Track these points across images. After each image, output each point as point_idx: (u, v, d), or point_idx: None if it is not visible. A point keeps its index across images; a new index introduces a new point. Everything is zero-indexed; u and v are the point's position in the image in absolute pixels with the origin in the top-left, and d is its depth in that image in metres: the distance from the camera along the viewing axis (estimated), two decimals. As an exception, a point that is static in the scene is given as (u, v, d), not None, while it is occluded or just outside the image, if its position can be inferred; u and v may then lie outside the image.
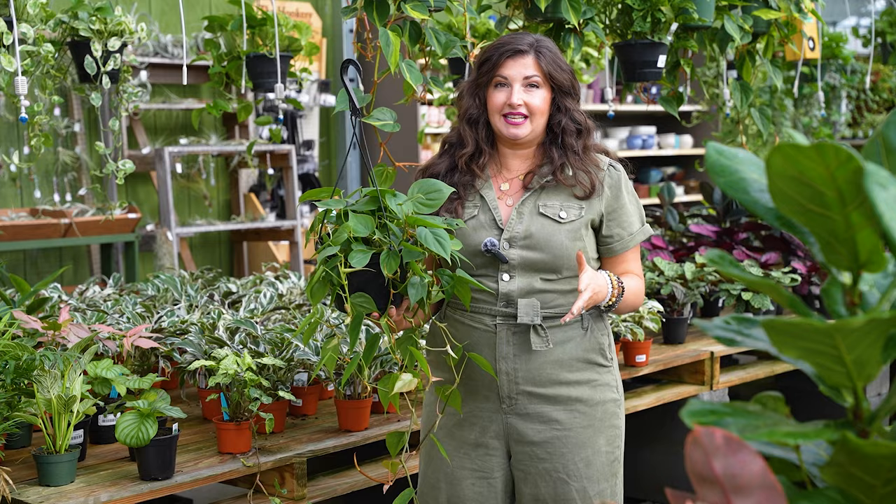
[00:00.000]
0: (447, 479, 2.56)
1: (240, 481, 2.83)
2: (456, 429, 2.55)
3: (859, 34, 7.71)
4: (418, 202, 2.31)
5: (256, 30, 3.68)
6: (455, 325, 2.53)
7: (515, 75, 2.47)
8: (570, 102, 2.51)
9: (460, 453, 2.54)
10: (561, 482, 2.48)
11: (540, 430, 2.48)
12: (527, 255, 2.45)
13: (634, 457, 4.32)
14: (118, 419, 2.58)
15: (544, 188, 2.50)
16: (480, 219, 2.49)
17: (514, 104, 2.45)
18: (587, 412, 2.50)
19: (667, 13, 3.70)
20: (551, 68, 2.48)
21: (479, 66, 2.53)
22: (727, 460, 0.86)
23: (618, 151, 7.99)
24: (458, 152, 2.53)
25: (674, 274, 4.14)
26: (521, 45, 2.48)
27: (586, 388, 2.50)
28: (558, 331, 2.48)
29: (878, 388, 4.57)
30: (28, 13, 3.03)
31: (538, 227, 2.46)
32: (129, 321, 3.30)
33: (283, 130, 6.34)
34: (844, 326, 0.88)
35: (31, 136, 3.30)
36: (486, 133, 2.53)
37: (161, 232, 5.82)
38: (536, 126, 2.49)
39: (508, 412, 2.50)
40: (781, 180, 0.91)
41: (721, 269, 0.99)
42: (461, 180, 2.52)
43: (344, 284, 2.25)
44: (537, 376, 2.47)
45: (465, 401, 2.51)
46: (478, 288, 2.42)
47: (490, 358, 2.47)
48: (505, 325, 2.47)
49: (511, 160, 2.55)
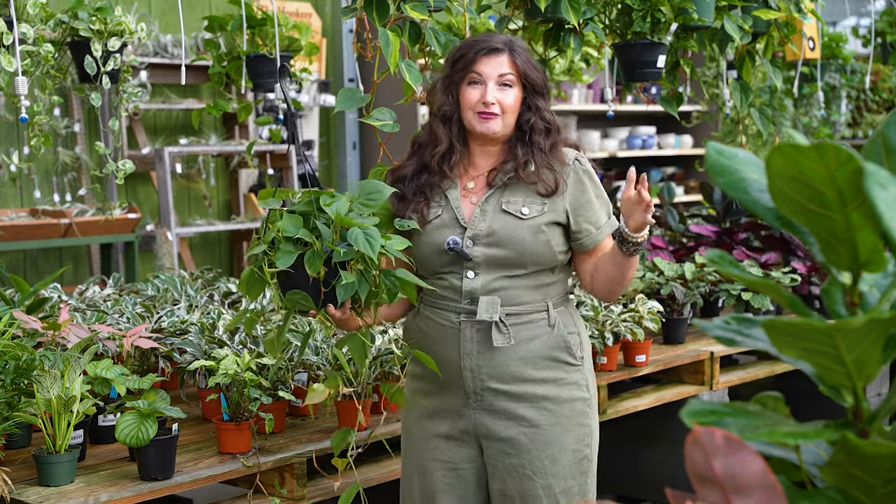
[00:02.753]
0: (419, 471, 2.60)
1: (240, 481, 2.83)
2: (427, 421, 2.58)
3: (859, 34, 7.71)
4: (359, 203, 2.35)
5: (256, 30, 3.68)
6: (425, 321, 2.56)
7: (490, 73, 2.49)
8: (541, 102, 2.53)
9: (431, 445, 2.57)
10: (527, 478, 2.50)
11: (507, 426, 2.51)
12: (490, 252, 2.47)
13: (634, 457, 4.33)
14: (118, 419, 2.58)
15: (507, 185, 2.52)
16: (444, 218, 2.52)
17: (489, 102, 2.47)
18: (554, 410, 2.51)
19: (666, 13, 3.70)
20: (526, 67, 2.51)
21: (453, 63, 2.55)
22: (727, 460, 0.86)
23: (617, 151, 7.99)
24: (430, 151, 2.55)
25: (674, 274, 4.14)
26: (497, 44, 2.51)
27: (553, 386, 2.51)
28: (522, 328, 2.49)
29: (878, 388, 4.57)
30: (28, 13, 3.03)
31: (501, 224, 2.48)
32: (129, 321, 3.30)
33: (282, 130, 6.34)
34: (844, 326, 0.88)
35: (31, 136, 3.30)
36: (459, 130, 2.55)
37: (161, 232, 5.82)
38: (508, 123, 2.51)
39: (476, 408, 2.52)
40: (781, 180, 0.91)
41: (721, 269, 0.99)
42: (429, 181, 2.55)
43: (270, 283, 2.32)
44: (501, 373, 2.49)
45: (435, 395, 2.56)
46: (423, 287, 2.46)
47: (455, 354, 2.50)
48: (469, 322, 2.49)
49: (479, 158, 2.57)
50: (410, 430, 2.62)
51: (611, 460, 4.38)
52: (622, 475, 4.38)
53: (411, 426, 2.62)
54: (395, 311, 2.63)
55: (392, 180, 2.58)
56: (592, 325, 3.57)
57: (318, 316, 2.36)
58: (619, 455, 4.34)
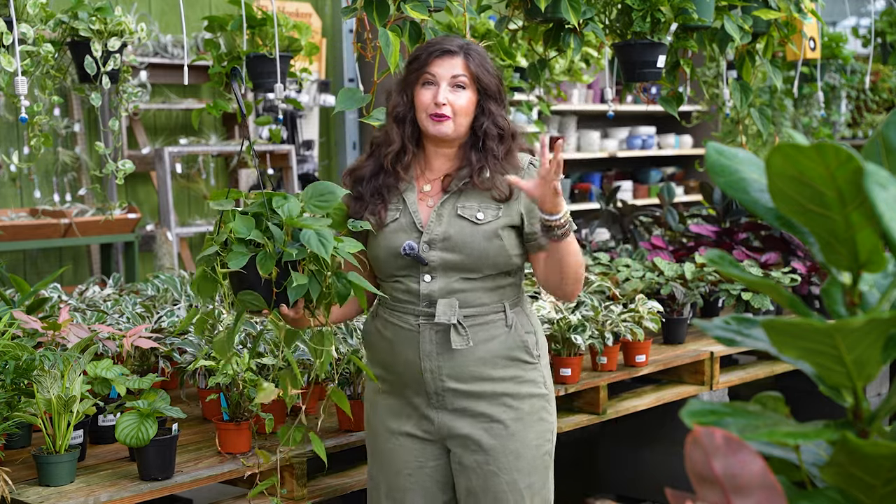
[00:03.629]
0: (385, 470, 2.61)
1: (240, 481, 2.83)
2: (391, 421, 2.60)
3: (859, 34, 7.71)
4: (311, 204, 2.36)
5: (256, 30, 3.68)
6: (384, 323, 2.58)
7: (443, 74, 2.50)
8: (495, 107, 2.54)
9: (397, 444, 2.59)
10: (491, 474, 2.52)
11: (469, 423, 2.53)
12: (446, 256, 2.49)
13: (634, 457, 4.32)
14: (118, 419, 2.58)
15: (463, 191, 2.53)
16: (401, 221, 2.53)
17: (440, 102, 2.48)
18: (514, 405, 2.53)
19: (666, 13, 3.70)
20: (479, 71, 2.51)
21: (408, 65, 2.57)
22: (727, 460, 0.86)
23: (617, 151, 7.99)
24: (383, 150, 2.56)
25: (673, 274, 4.14)
26: (451, 46, 2.53)
27: (511, 383, 2.54)
28: (480, 329, 2.51)
29: (878, 388, 4.57)
30: (28, 13, 3.03)
31: (457, 230, 2.49)
32: (129, 321, 3.30)
33: (282, 130, 6.34)
34: (844, 326, 0.88)
35: (31, 136, 3.30)
36: (412, 131, 2.56)
37: (161, 232, 5.82)
38: (460, 126, 2.51)
39: (438, 407, 2.54)
40: (781, 180, 0.91)
41: (721, 269, 0.99)
42: (385, 182, 2.56)
43: (222, 284, 2.35)
44: (461, 373, 2.51)
45: (395, 394, 2.59)
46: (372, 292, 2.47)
47: (415, 356, 2.52)
48: (427, 325, 2.51)
49: (434, 160, 2.58)
50: (376, 430, 2.64)
51: (611, 460, 4.38)
52: (622, 475, 4.38)
53: (376, 426, 2.63)
54: (347, 311, 2.63)
55: (351, 181, 2.60)
56: (592, 325, 3.57)
57: (269, 316, 2.38)
58: (619, 455, 4.34)
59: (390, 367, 2.58)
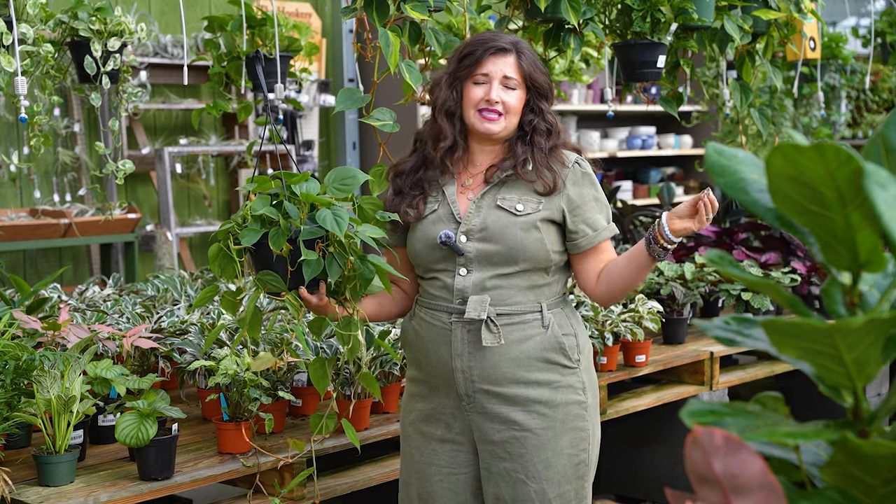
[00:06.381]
0: (418, 474, 2.59)
1: (239, 481, 2.83)
2: (424, 425, 2.57)
3: (859, 34, 7.70)
4: (333, 188, 2.38)
5: (256, 30, 3.67)
6: (420, 322, 2.56)
7: (496, 72, 2.49)
8: (544, 104, 2.54)
9: (429, 449, 2.57)
10: (520, 482, 2.48)
11: (500, 429, 2.49)
12: (482, 247, 2.47)
13: (634, 457, 4.32)
14: (118, 419, 2.58)
15: (505, 182, 2.52)
16: (440, 213, 2.53)
17: (493, 100, 2.48)
18: (547, 414, 2.48)
19: (666, 13, 3.70)
20: (531, 69, 2.51)
21: (459, 60, 2.54)
22: (727, 460, 0.86)
23: (617, 151, 7.98)
24: (433, 145, 2.55)
25: (673, 274, 4.14)
26: (504, 44, 2.51)
27: (546, 389, 2.49)
28: (514, 328, 2.48)
29: (878, 388, 4.57)
30: (28, 13, 3.03)
31: (494, 220, 2.48)
32: (129, 321, 3.30)
33: (282, 130, 6.34)
34: (844, 326, 0.88)
35: (31, 136, 3.30)
36: (461, 127, 2.55)
37: (161, 232, 5.81)
38: (510, 124, 2.51)
39: (469, 410, 2.52)
40: (781, 180, 0.91)
41: (721, 269, 0.99)
42: (426, 176, 2.56)
43: (236, 260, 2.37)
44: (493, 374, 2.48)
45: (429, 397, 2.56)
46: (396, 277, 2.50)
47: (447, 355, 2.50)
48: (460, 323, 2.48)
49: (478, 156, 2.57)
50: (408, 433, 2.61)
51: (611, 460, 4.38)
52: (622, 475, 4.38)
53: (408, 429, 2.61)
54: (385, 310, 2.63)
55: (393, 175, 2.61)
56: (592, 325, 3.57)
57: (286, 296, 2.38)
58: (619, 455, 4.34)
59: (423, 366, 2.55)
